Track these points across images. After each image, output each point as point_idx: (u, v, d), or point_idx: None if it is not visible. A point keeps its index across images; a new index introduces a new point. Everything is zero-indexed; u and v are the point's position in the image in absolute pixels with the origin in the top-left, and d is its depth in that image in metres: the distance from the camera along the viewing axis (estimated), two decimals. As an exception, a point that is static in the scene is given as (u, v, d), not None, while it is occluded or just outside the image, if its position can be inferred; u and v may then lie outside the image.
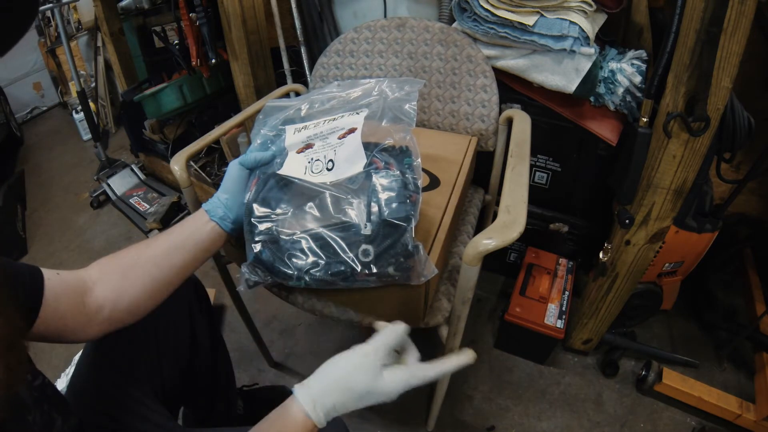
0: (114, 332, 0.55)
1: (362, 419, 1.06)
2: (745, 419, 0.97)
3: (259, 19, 1.31)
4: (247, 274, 0.60)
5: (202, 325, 0.77)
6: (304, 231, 0.57)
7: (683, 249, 1.02)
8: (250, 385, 1.07)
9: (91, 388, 0.59)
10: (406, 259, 0.54)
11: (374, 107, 0.62)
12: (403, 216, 0.54)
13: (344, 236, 0.55)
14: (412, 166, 0.58)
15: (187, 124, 1.91)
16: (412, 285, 0.57)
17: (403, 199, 0.55)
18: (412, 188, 0.56)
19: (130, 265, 0.56)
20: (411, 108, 0.60)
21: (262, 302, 1.37)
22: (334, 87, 0.70)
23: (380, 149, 0.59)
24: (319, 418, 0.46)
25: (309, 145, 0.62)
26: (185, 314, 0.73)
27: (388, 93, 0.63)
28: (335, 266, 0.56)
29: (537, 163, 1.16)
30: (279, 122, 0.67)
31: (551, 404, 1.09)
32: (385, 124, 0.60)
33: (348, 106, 0.65)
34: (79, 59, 2.62)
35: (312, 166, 0.59)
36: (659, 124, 0.78)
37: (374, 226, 0.54)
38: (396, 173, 0.56)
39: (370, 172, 0.56)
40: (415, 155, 0.59)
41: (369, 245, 0.54)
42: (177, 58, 1.65)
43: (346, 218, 0.56)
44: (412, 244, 0.54)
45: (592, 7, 0.88)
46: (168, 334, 0.68)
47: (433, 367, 0.51)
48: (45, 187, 2.19)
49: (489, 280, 1.41)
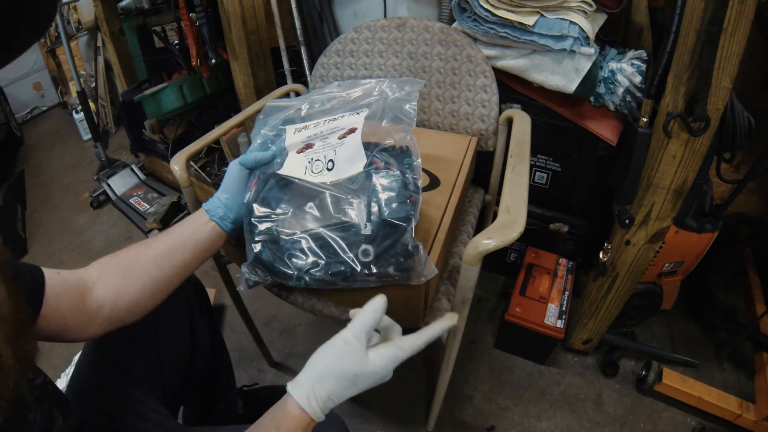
0: (114, 332, 0.55)
1: (362, 419, 1.06)
2: (745, 419, 0.97)
3: (259, 19, 1.31)
4: (247, 274, 0.60)
5: (202, 325, 0.77)
6: (304, 231, 0.57)
7: (683, 249, 1.02)
8: (250, 385, 1.07)
9: (91, 387, 0.59)
10: (406, 259, 0.54)
11: (374, 107, 0.62)
12: (403, 216, 0.54)
13: (344, 236, 0.55)
14: (413, 166, 0.58)
15: (187, 124, 1.91)
16: (412, 285, 0.57)
17: (403, 199, 0.55)
18: (412, 188, 0.56)
19: (130, 265, 0.56)
20: (411, 108, 0.60)
21: (262, 302, 1.37)
22: (335, 87, 0.70)
23: (380, 149, 0.59)
24: (316, 412, 0.46)
25: (309, 145, 0.62)
26: (185, 314, 0.73)
27: (388, 93, 0.63)
28: (335, 266, 0.56)
29: (537, 163, 1.16)
30: (279, 122, 0.67)
31: (551, 404, 1.09)
32: (385, 124, 0.60)
33: (348, 106, 0.65)
34: (79, 59, 2.62)
35: (312, 166, 0.59)
36: (659, 124, 0.78)
37: (374, 226, 0.54)
38: (396, 173, 0.56)
39: (370, 172, 0.57)
40: (416, 155, 0.59)
41: (369, 245, 0.54)
42: (177, 58, 1.65)
43: (346, 218, 0.56)
44: (412, 244, 0.54)
45: (592, 7, 0.88)
46: (168, 334, 0.68)
47: (419, 336, 0.51)
48: (45, 187, 2.19)
49: (489, 280, 1.41)
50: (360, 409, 1.09)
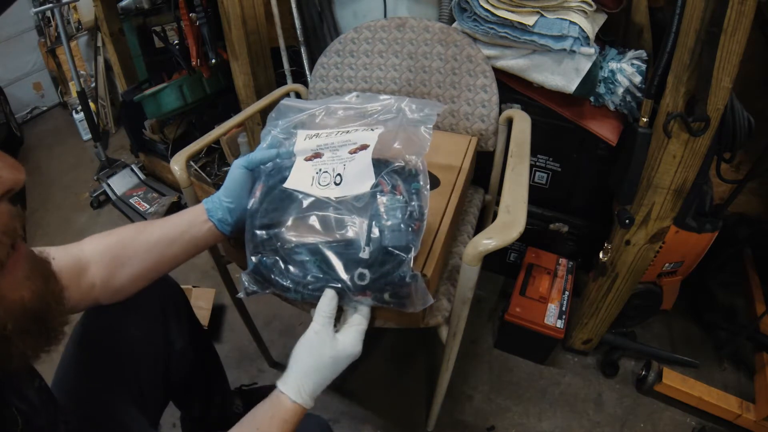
0: (89, 344, 0.60)
1: (362, 420, 1.06)
2: (745, 419, 0.97)
3: (259, 19, 1.31)
4: (247, 283, 0.59)
5: (177, 329, 0.75)
6: (304, 245, 0.56)
7: (683, 249, 1.02)
8: (249, 385, 1.07)
9: (72, 398, 0.58)
10: (401, 289, 0.54)
11: (390, 125, 0.61)
12: (402, 245, 0.53)
13: (343, 255, 0.54)
14: (420, 192, 0.57)
15: (187, 124, 1.91)
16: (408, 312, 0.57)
17: (405, 228, 0.54)
18: (417, 216, 0.55)
19: (123, 248, 0.57)
20: (426, 132, 0.59)
21: (263, 302, 1.37)
22: (354, 97, 0.69)
23: (389, 170, 0.58)
24: (306, 401, 0.53)
25: (318, 154, 0.61)
26: (158, 320, 0.72)
27: (406, 112, 0.62)
28: (332, 284, 0.55)
29: (537, 163, 1.16)
30: (291, 125, 0.66)
31: (551, 404, 1.09)
32: (397, 145, 0.59)
33: (364, 120, 0.64)
34: (79, 59, 2.62)
35: (320, 178, 0.58)
36: (659, 124, 0.78)
37: (373, 251, 0.53)
38: (401, 198, 0.55)
39: (376, 193, 0.55)
40: (424, 181, 0.58)
41: (366, 270, 0.53)
42: (177, 58, 1.65)
43: (347, 236, 0.55)
44: (410, 274, 0.53)
45: (592, 7, 0.88)
46: (141, 341, 0.67)
47: (362, 308, 0.57)
48: (45, 187, 2.19)
49: (489, 280, 1.41)
50: (360, 409, 1.09)
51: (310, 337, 0.54)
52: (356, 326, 0.56)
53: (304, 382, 0.53)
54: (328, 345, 0.53)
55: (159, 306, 0.72)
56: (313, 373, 0.53)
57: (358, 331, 0.56)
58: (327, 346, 0.53)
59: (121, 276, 0.57)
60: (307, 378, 0.53)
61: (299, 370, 0.53)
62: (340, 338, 0.54)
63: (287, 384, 0.53)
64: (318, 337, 0.54)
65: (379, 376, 1.16)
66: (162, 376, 0.72)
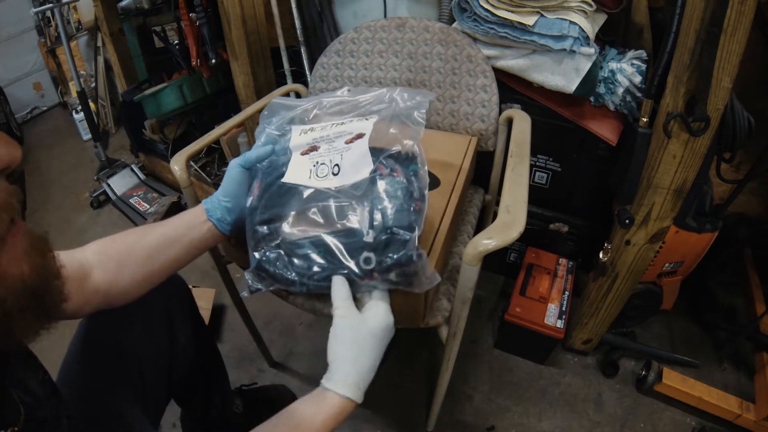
0: (94, 341, 0.60)
1: (362, 419, 1.06)
2: (745, 419, 0.97)
3: (259, 19, 1.31)
4: (250, 282, 0.59)
5: (183, 328, 0.75)
6: (306, 237, 0.56)
7: (683, 249, 1.02)
8: (249, 385, 1.07)
9: (76, 395, 0.58)
10: (408, 268, 0.54)
11: (384, 114, 0.61)
12: (406, 225, 0.53)
13: (347, 243, 0.55)
14: (418, 173, 0.57)
15: (187, 124, 1.91)
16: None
17: (407, 208, 0.54)
18: (417, 196, 0.55)
19: (126, 253, 0.57)
20: (420, 116, 0.59)
21: (263, 302, 1.37)
22: (345, 91, 0.69)
23: (386, 155, 0.58)
24: (354, 393, 0.51)
25: (314, 147, 0.61)
26: (163, 320, 0.72)
27: (398, 101, 0.62)
28: (338, 272, 0.55)
29: (537, 163, 1.16)
30: (285, 121, 0.67)
31: (551, 404, 1.09)
32: (392, 131, 0.59)
33: (357, 111, 0.64)
34: (79, 59, 2.62)
35: (317, 170, 0.59)
36: (659, 124, 0.78)
37: (377, 234, 0.54)
38: (401, 180, 0.56)
39: (375, 178, 0.56)
40: (422, 163, 0.58)
41: (371, 253, 0.53)
42: (177, 58, 1.65)
43: (349, 225, 0.55)
44: (415, 253, 0.53)
45: (592, 7, 0.88)
46: (146, 340, 0.68)
47: (378, 291, 0.56)
48: (45, 187, 2.19)
49: (489, 280, 1.41)
50: (360, 409, 1.08)
51: (338, 325, 0.52)
52: (379, 300, 0.55)
53: (349, 373, 0.50)
54: (361, 323, 0.52)
55: (165, 305, 0.72)
56: (356, 360, 0.51)
57: (383, 303, 0.54)
58: (360, 325, 0.52)
59: (124, 281, 0.57)
60: (352, 368, 0.50)
61: (341, 361, 0.51)
62: (369, 314, 0.53)
63: (332, 380, 0.50)
64: (346, 321, 0.52)
65: (379, 376, 1.14)
66: (165, 374, 0.72)
